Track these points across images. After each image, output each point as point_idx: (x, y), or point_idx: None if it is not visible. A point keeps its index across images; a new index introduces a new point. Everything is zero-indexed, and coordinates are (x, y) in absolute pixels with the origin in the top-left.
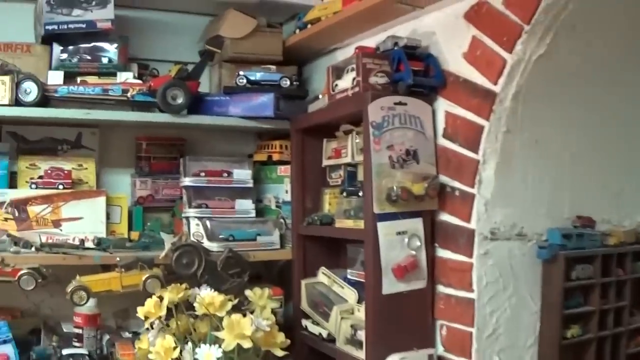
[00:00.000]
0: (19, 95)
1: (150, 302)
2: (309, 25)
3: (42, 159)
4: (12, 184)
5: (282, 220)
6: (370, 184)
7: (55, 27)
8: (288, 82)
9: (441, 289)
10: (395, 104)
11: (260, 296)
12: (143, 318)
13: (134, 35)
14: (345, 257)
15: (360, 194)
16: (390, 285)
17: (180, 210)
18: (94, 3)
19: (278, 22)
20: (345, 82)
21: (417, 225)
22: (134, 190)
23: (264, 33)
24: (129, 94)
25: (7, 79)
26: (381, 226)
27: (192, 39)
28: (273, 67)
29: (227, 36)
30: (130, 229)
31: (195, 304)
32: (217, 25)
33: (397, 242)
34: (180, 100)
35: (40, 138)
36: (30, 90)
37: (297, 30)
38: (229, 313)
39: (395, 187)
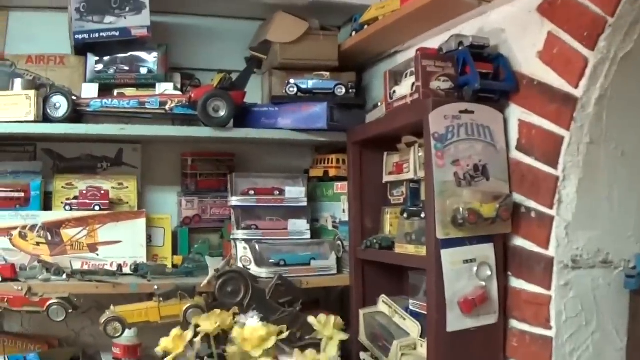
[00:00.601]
0: (48, 111)
1: (173, 334)
2: (365, 27)
3: (79, 178)
4: (48, 205)
5: (339, 243)
6: (433, 205)
7: (86, 36)
8: (343, 90)
9: (514, 324)
10: (461, 112)
11: (326, 325)
12: (161, 353)
13: (176, 44)
14: (407, 283)
15: (423, 215)
16: (456, 321)
17: (229, 231)
18: (127, 9)
19: (333, 25)
20: (404, 88)
21: (487, 252)
22: (180, 210)
23: (317, 36)
24: (167, 107)
25: (32, 93)
26: (446, 254)
27: (240, 45)
28: (327, 73)
29: (276, 41)
30: (174, 252)
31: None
32: (265, 30)
33: (464, 271)
34: (222, 113)
35: (78, 155)
36: (60, 105)
37: (353, 33)
38: (268, 353)
39: (461, 209)
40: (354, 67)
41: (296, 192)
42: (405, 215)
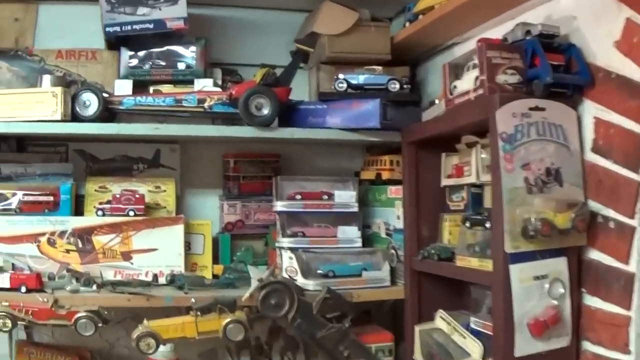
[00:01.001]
0: (77, 109)
1: None
2: (420, 17)
3: (113, 180)
4: (79, 209)
5: (393, 252)
6: (501, 214)
7: (117, 28)
8: (397, 86)
9: (588, 346)
10: (531, 109)
11: None
12: None
13: (216, 37)
14: (468, 297)
15: (488, 225)
16: (526, 345)
17: (274, 238)
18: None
19: (384, 15)
20: (466, 83)
21: (560, 266)
22: (222, 215)
23: (368, 28)
24: (206, 105)
25: (58, 90)
26: (515, 269)
27: (285, 39)
28: (379, 68)
29: (323, 33)
30: (215, 261)
31: None
32: (311, 21)
33: (535, 288)
34: (266, 111)
35: (112, 156)
36: (90, 103)
37: (407, 24)
38: None
39: (533, 219)
40: (407, 61)
41: (346, 197)
42: (467, 224)
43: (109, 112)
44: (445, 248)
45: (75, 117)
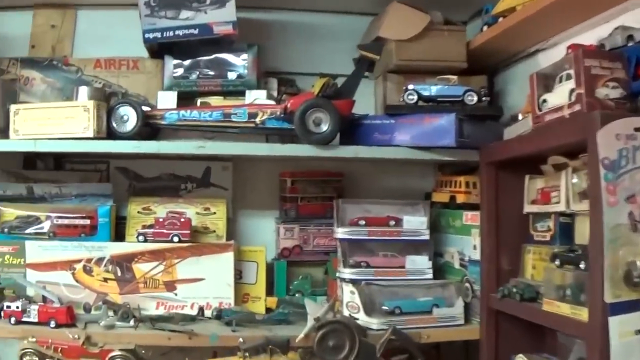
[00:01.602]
0: (113, 124)
1: None
2: (500, 19)
3: (158, 201)
4: (120, 232)
5: (467, 285)
6: (601, 256)
7: (158, 34)
8: (475, 98)
9: None
10: (636, 129)
11: None
12: None
13: (271, 44)
14: (554, 342)
15: (582, 266)
16: None
17: (335, 267)
18: (208, 2)
19: (459, 19)
20: (559, 97)
21: None
22: (278, 239)
23: (440, 32)
24: (257, 120)
25: (90, 104)
26: (615, 322)
27: (347, 45)
28: (454, 77)
29: (391, 38)
30: (269, 291)
31: None
32: (377, 25)
33: (637, 345)
34: (324, 127)
35: (158, 174)
36: (128, 118)
37: (485, 27)
38: None
39: (638, 262)
40: (484, 69)
41: (416, 223)
42: (557, 262)
43: (150, 127)
44: (529, 286)
45: (112, 134)
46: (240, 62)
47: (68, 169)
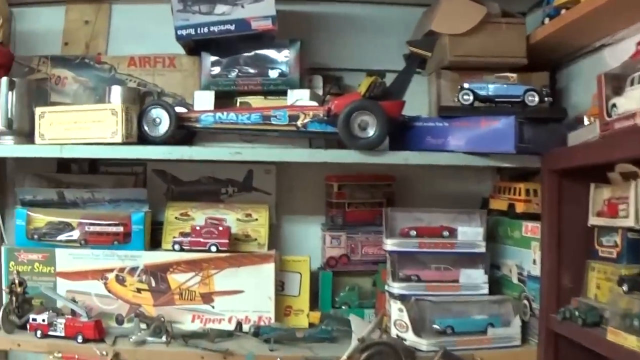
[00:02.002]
0: (145, 128)
1: None
2: (563, 12)
3: (197, 206)
4: (156, 238)
5: (526, 302)
6: None
7: (191, 31)
8: (536, 98)
9: None
10: None
11: None
12: None
13: (315, 38)
14: None
15: None
16: None
17: (383, 279)
18: None
19: (517, 10)
20: (631, 101)
21: None
22: (324, 248)
23: (498, 25)
24: (299, 122)
25: (119, 107)
26: None
27: (400, 38)
28: (513, 75)
29: (444, 32)
30: (313, 303)
31: None
32: (429, 18)
33: None
34: (371, 131)
35: (198, 178)
36: (160, 121)
37: (546, 20)
38: None
39: None
40: (545, 65)
41: (472, 234)
42: (624, 287)
43: (186, 129)
44: (592, 309)
45: (143, 137)
46: (282, 59)
47: (103, 171)
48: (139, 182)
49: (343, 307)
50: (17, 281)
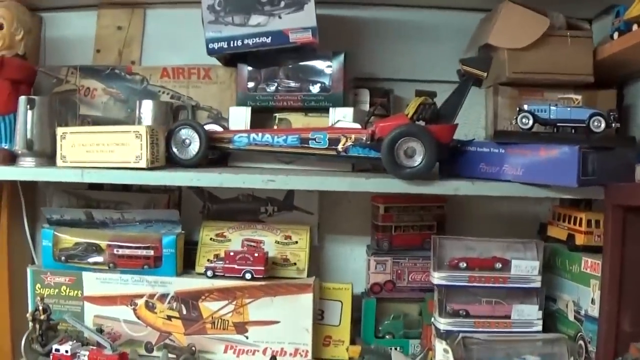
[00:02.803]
0: (174, 150)
1: None
2: (634, 27)
3: (234, 227)
4: (190, 258)
5: (582, 344)
6: None
7: (224, 44)
8: (603, 124)
9: None
10: None
11: None
12: None
13: (362, 46)
14: None
15: None
16: None
17: (430, 311)
18: (282, 4)
19: (582, 17)
20: None
21: None
22: (367, 273)
23: (563, 39)
24: (339, 147)
25: (143, 130)
26: None
27: (454, 46)
28: (578, 97)
29: (502, 46)
30: (354, 332)
31: None
32: (486, 28)
33: None
34: (418, 159)
35: (236, 195)
36: (190, 142)
37: (615, 35)
38: None
39: None
40: (609, 81)
41: (526, 268)
42: None
43: (218, 150)
44: None
45: (173, 159)
46: (324, 72)
47: (136, 189)
48: (174, 199)
49: (387, 337)
50: (40, 308)
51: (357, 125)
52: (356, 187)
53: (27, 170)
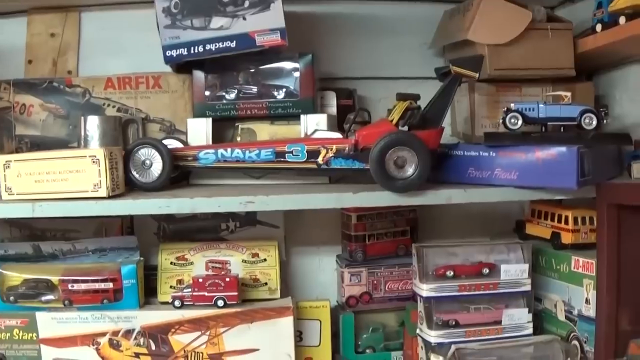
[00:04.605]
0: (132, 173)
1: None
2: (621, 19)
3: (195, 248)
4: (150, 287)
5: (576, 344)
6: None
7: (183, 50)
8: (594, 121)
9: None
10: None
11: None
12: None
13: (320, 43)
14: None
15: None
16: None
17: (413, 321)
18: (247, 4)
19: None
20: None
21: None
22: (341, 287)
23: (544, 32)
24: (320, 159)
25: (100, 154)
26: None
27: (418, 40)
28: (567, 94)
29: (482, 42)
30: (334, 350)
31: None
32: (460, 22)
33: None
34: (410, 169)
35: (194, 213)
36: (151, 163)
37: (599, 27)
38: None
39: None
40: (579, 73)
41: (515, 272)
42: None
43: (180, 168)
44: None
45: (132, 184)
46: (290, 76)
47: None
48: (126, 223)
49: (367, 351)
50: None
51: (338, 135)
52: (344, 203)
53: None
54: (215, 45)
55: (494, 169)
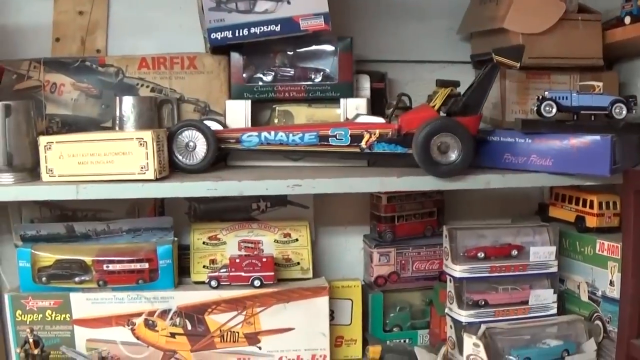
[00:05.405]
0: (176, 155)
1: None
2: None
3: (227, 227)
4: (183, 267)
5: (599, 324)
6: None
7: (228, 33)
8: (624, 111)
9: None
10: None
11: None
12: None
13: (352, 26)
14: None
15: None
16: None
17: (441, 301)
18: None
19: None
20: None
21: None
22: (370, 266)
23: (575, 22)
24: (363, 143)
25: (148, 136)
26: None
27: (440, 26)
28: (599, 84)
29: (517, 30)
30: (364, 332)
31: None
32: (494, 10)
33: None
34: (453, 155)
35: None
36: (195, 145)
37: (627, 19)
38: None
39: None
40: (608, 63)
41: (544, 254)
42: None
43: (222, 151)
44: None
45: (176, 166)
46: (328, 59)
47: None
48: (157, 202)
49: (394, 330)
50: (31, 341)
51: (381, 120)
52: (388, 187)
53: (8, 190)
54: (260, 29)
55: (529, 155)
